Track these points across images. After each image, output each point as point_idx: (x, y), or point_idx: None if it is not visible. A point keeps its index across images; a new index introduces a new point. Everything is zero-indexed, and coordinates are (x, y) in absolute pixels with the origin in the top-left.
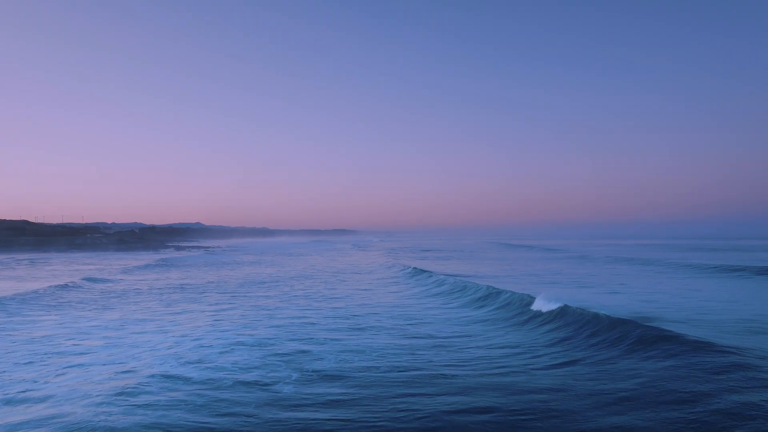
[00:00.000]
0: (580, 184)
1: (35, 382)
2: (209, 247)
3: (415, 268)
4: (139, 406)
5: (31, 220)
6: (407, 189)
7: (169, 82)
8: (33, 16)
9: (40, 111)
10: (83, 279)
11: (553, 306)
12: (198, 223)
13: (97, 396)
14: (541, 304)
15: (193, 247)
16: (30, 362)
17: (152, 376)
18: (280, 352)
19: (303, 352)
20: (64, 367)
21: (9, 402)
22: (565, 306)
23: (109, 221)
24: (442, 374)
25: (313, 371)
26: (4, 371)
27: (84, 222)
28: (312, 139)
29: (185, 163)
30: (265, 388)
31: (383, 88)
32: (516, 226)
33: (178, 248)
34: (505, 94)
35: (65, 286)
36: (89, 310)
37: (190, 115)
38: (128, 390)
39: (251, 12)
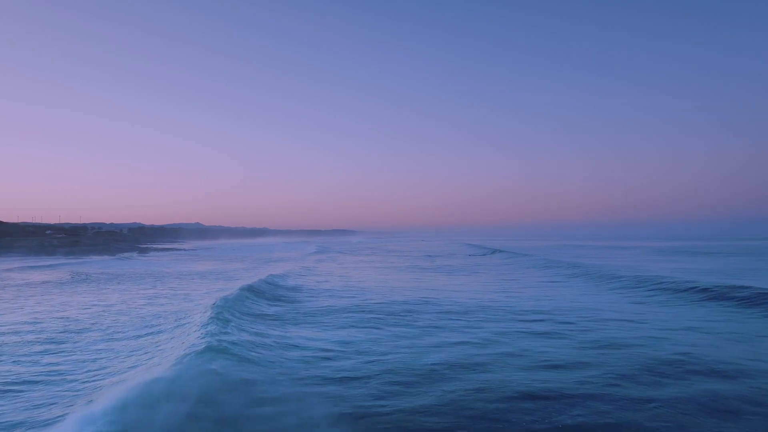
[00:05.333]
0: (580, 184)
1: None
2: (182, 250)
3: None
4: None
5: (29, 220)
6: (407, 189)
7: (169, 82)
8: (33, 16)
9: (41, 110)
10: None
11: None
12: (197, 224)
13: None
14: None
15: (165, 249)
16: None
17: None
18: None
19: None
20: None
21: None
22: None
23: (108, 221)
24: None
25: None
26: None
27: (81, 222)
28: (312, 139)
29: (185, 163)
30: None
31: (383, 87)
32: (516, 227)
33: (142, 251)
34: (506, 94)
35: None
36: None
37: (190, 115)
38: None
39: (251, 12)
